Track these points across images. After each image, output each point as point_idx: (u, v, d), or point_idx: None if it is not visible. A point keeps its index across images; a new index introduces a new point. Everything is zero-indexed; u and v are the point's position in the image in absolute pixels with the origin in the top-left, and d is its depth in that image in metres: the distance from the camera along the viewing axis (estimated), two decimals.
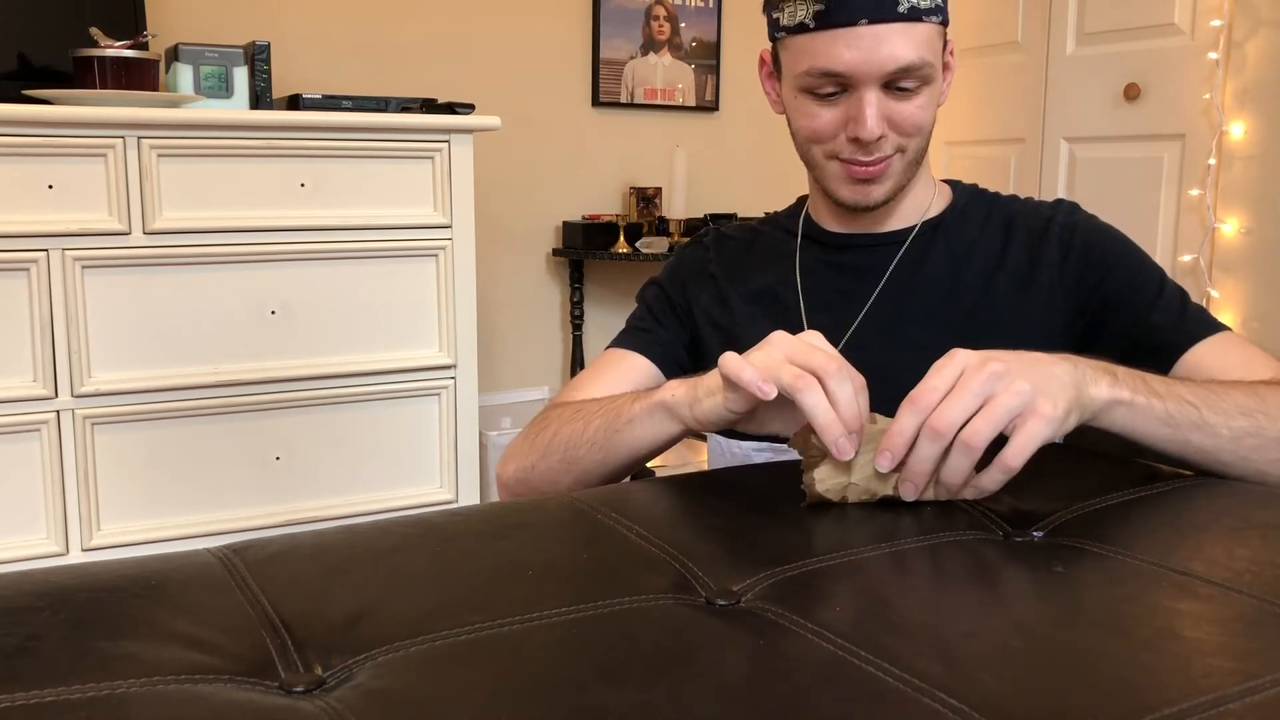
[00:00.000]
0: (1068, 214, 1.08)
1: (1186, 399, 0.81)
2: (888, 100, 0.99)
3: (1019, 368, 0.73)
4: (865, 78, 0.97)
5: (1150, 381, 0.81)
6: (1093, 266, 1.03)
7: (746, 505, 0.76)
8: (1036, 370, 0.74)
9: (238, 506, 2.09)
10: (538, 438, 1.01)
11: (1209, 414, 0.80)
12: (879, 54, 0.96)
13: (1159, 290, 1.01)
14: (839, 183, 1.05)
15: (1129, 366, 0.83)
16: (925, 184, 1.11)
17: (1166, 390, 0.81)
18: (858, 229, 1.12)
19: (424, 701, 0.47)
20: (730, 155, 3.35)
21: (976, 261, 1.07)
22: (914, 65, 0.97)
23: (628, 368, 1.11)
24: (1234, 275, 2.71)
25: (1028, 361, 0.75)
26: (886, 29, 0.95)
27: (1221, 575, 0.60)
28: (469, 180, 2.23)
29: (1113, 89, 2.94)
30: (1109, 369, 0.80)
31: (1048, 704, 0.46)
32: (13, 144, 1.84)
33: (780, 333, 0.81)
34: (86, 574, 0.60)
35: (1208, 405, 0.81)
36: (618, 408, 0.93)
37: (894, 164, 1.03)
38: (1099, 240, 1.05)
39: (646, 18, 3.22)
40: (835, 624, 0.54)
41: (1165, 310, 1.00)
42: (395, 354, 2.21)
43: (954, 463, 0.71)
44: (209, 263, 2.02)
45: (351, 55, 2.78)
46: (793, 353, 0.78)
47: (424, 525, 0.71)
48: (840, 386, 0.74)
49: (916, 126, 1.01)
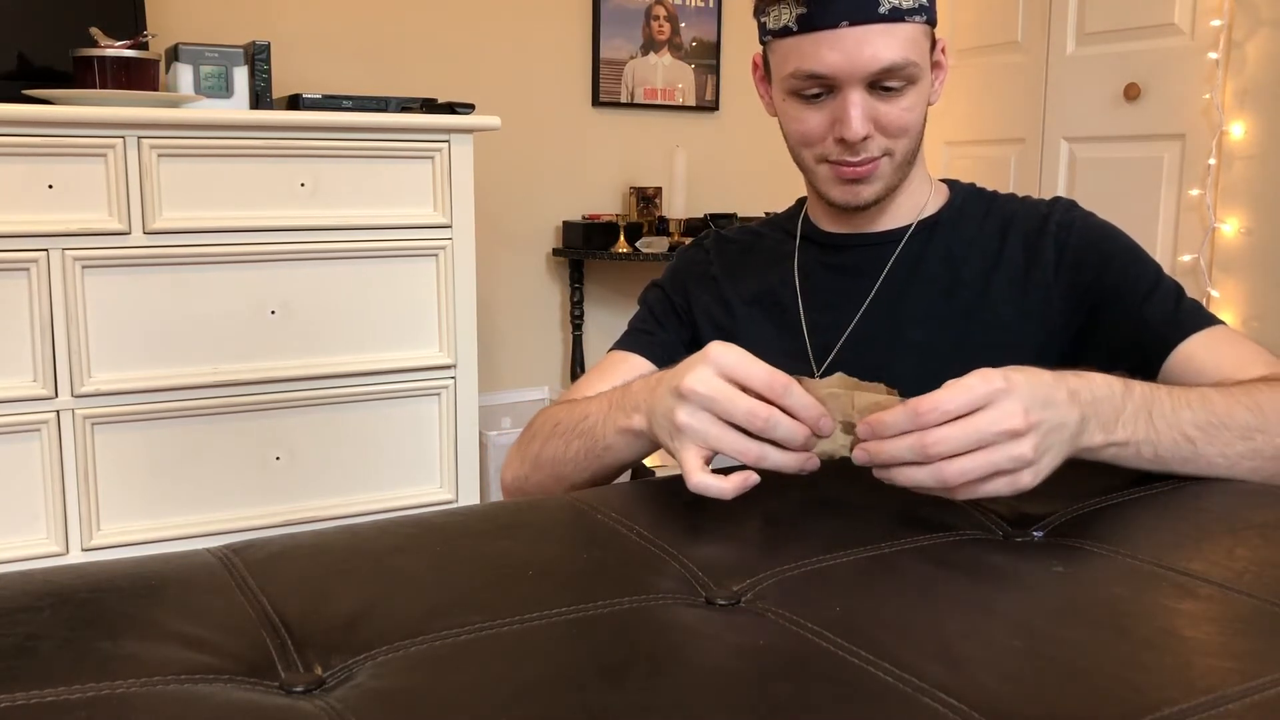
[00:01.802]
0: (1064, 212, 1.07)
1: (1185, 433, 0.79)
2: (873, 101, 1.00)
3: (1035, 432, 0.69)
4: (848, 78, 0.98)
5: (1156, 412, 0.79)
6: (1088, 264, 1.03)
7: (746, 505, 0.76)
8: (1046, 432, 0.71)
9: (238, 506, 2.09)
10: (527, 449, 1.02)
11: (1205, 448, 0.79)
12: (861, 55, 0.97)
13: (1153, 285, 1.01)
14: (829, 184, 1.06)
15: (1123, 362, 0.83)
16: (921, 183, 1.11)
17: (1166, 425, 0.79)
18: (853, 229, 1.12)
19: (424, 701, 0.47)
20: (730, 155, 3.35)
21: (974, 260, 1.07)
22: (897, 65, 0.97)
23: (629, 369, 1.12)
24: (1234, 275, 2.71)
25: (1042, 405, 0.71)
26: (868, 30, 0.96)
27: (1221, 575, 0.60)
28: (469, 180, 2.23)
29: (1113, 89, 2.94)
30: (1117, 407, 0.77)
31: (1048, 704, 0.46)
32: (13, 144, 1.84)
33: (690, 381, 0.75)
34: (86, 574, 0.60)
35: (1207, 437, 0.79)
36: (591, 429, 0.92)
37: (882, 166, 1.03)
38: (1095, 237, 1.05)
39: (646, 18, 3.22)
40: (835, 624, 0.54)
41: (1159, 305, 0.99)
42: (395, 354, 2.21)
43: (918, 475, 0.69)
44: (209, 263, 2.02)
45: (351, 55, 2.78)
46: (720, 414, 0.75)
47: (424, 525, 0.71)
48: (775, 428, 0.73)
49: (902, 128, 1.02)
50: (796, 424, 0.73)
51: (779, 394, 0.73)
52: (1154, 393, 0.80)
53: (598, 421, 0.92)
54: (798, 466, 0.74)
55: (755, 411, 0.73)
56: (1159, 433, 0.78)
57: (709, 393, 0.74)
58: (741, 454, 0.74)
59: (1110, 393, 0.77)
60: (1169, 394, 0.81)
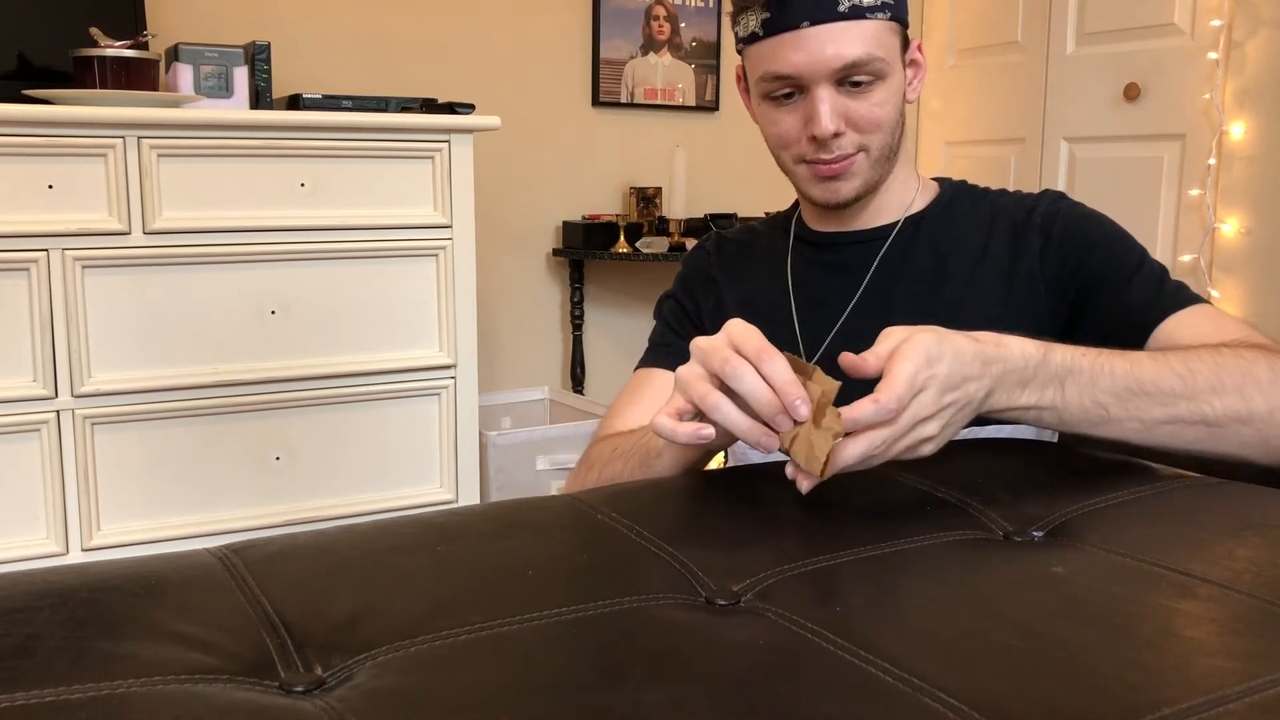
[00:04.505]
0: (1050, 203, 1.09)
1: (1098, 400, 0.81)
2: (843, 99, 1.02)
3: (940, 417, 0.74)
4: (814, 77, 1.01)
5: (1070, 381, 0.81)
6: (1073, 251, 1.04)
7: (746, 505, 0.76)
8: (954, 414, 0.75)
9: (238, 506, 2.09)
10: (586, 476, 1.04)
11: (1118, 413, 0.82)
12: (824, 53, 0.99)
13: (1137, 268, 1.01)
14: (809, 184, 1.08)
15: (1112, 345, 0.84)
16: (906, 180, 1.13)
17: (1077, 393, 0.81)
18: (841, 227, 1.14)
19: (424, 701, 0.47)
20: (730, 155, 3.35)
21: (961, 254, 1.08)
22: (861, 61, 1.00)
23: (658, 385, 1.14)
24: (1234, 275, 2.71)
25: (957, 387, 0.75)
26: (829, 29, 0.99)
27: (1221, 575, 0.60)
28: (469, 180, 2.23)
29: (1113, 89, 2.94)
30: (1026, 376, 0.80)
31: (1048, 704, 0.46)
32: (13, 144, 1.84)
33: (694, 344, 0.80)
34: (86, 574, 0.60)
35: (1121, 404, 0.81)
36: (647, 444, 0.94)
37: (858, 162, 1.05)
38: (1080, 225, 1.06)
39: (646, 18, 3.22)
40: (835, 624, 0.54)
41: (1142, 287, 1.00)
42: (395, 354, 2.21)
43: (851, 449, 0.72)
44: (209, 263, 2.02)
45: (351, 55, 2.78)
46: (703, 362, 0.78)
47: (424, 525, 0.71)
48: (740, 379, 0.74)
49: (874, 123, 1.03)
50: (763, 386, 0.73)
51: (758, 359, 0.74)
52: (1075, 360, 0.82)
53: (654, 435, 0.94)
54: (754, 437, 0.74)
55: (727, 359, 0.75)
56: (1066, 400, 0.81)
57: (705, 346, 0.78)
58: (701, 398, 0.76)
59: (1024, 363, 0.80)
60: (1094, 361, 0.82)
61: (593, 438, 1.11)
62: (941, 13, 3.41)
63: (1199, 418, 0.82)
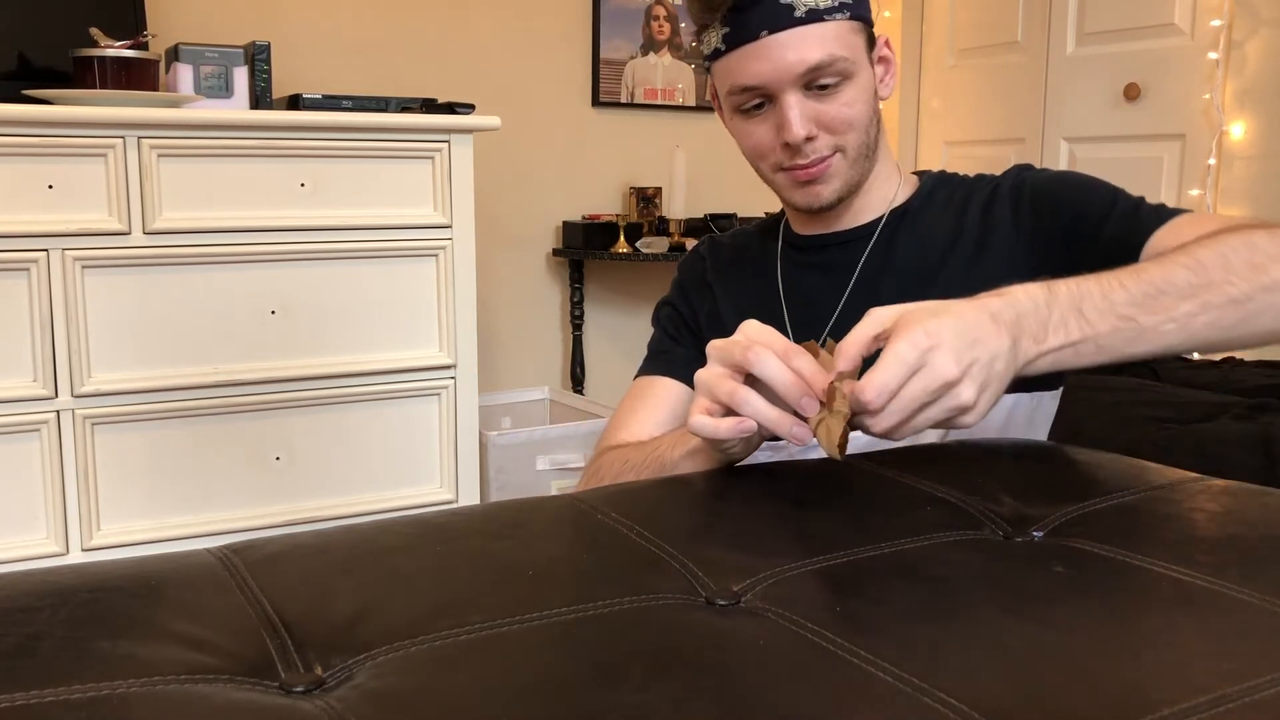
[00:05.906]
0: (1017, 174, 1.09)
1: (1122, 314, 0.78)
2: (811, 103, 1.02)
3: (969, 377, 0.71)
4: (779, 85, 1.01)
5: (1086, 306, 0.78)
6: (1046, 210, 1.04)
7: (746, 505, 0.76)
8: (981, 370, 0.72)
9: (238, 506, 2.09)
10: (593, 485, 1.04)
11: (1148, 319, 0.78)
12: (786, 60, 1.00)
13: (1111, 204, 1.00)
14: (789, 190, 1.09)
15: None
16: (888, 177, 1.13)
17: (1099, 315, 0.78)
18: (825, 229, 1.14)
19: (424, 701, 0.47)
20: (730, 155, 3.32)
21: (941, 242, 1.09)
22: (824, 63, 1.00)
23: (660, 393, 1.14)
24: None
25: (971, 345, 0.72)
26: (788, 35, 1.00)
27: (1222, 575, 0.60)
28: (469, 180, 2.23)
29: (1113, 89, 2.94)
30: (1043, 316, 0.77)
31: (1048, 704, 0.46)
32: (13, 144, 1.84)
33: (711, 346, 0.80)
34: (86, 574, 0.60)
35: (1147, 311, 0.78)
36: (661, 455, 0.94)
37: (835, 163, 1.05)
38: (1047, 185, 1.06)
39: (646, 18, 3.22)
40: (835, 624, 0.54)
41: (1120, 220, 0.99)
42: (395, 354, 2.21)
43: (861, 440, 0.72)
44: (209, 263, 2.02)
45: (351, 55, 2.78)
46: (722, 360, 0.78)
47: (424, 525, 0.71)
48: (763, 364, 0.74)
49: (846, 123, 1.04)
50: (787, 370, 0.73)
51: (786, 354, 0.74)
52: (1081, 286, 0.79)
53: (669, 447, 0.94)
54: (785, 427, 0.74)
55: (748, 347, 0.74)
56: (1093, 325, 0.78)
57: (722, 344, 0.77)
58: (730, 394, 0.75)
59: (1034, 304, 0.77)
60: (1098, 281, 0.80)
61: (597, 448, 1.11)
62: (941, 13, 3.41)
63: (1227, 299, 0.79)
